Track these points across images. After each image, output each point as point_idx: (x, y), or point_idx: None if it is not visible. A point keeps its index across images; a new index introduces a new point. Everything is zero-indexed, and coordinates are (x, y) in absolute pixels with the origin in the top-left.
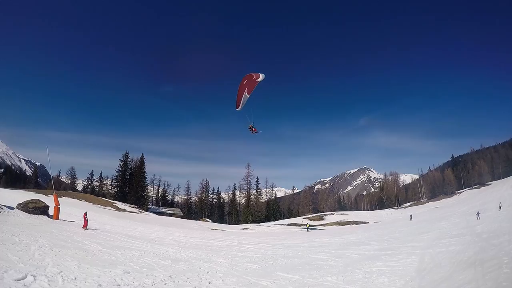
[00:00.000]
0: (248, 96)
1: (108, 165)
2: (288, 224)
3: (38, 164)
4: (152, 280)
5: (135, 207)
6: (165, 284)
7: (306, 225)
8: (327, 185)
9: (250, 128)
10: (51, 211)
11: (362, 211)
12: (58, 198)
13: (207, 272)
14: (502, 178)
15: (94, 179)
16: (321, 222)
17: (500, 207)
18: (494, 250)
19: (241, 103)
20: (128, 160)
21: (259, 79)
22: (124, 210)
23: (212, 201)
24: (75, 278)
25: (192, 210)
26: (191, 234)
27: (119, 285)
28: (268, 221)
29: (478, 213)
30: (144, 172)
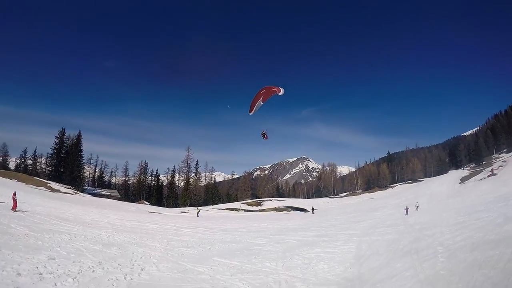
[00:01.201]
0: (262, 103)
1: (43, 142)
2: (226, 209)
3: None
4: (79, 267)
5: (71, 188)
6: (93, 271)
7: (197, 210)
8: (266, 172)
9: (262, 134)
10: None
11: (300, 199)
12: None
13: (140, 258)
14: (433, 176)
15: (28, 157)
16: (259, 207)
17: (417, 207)
18: (428, 240)
19: (254, 109)
20: (65, 137)
21: (280, 93)
22: (58, 191)
23: (151, 183)
24: None
25: (130, 192)
26: (127, 217)
27: (41, 274)
28: (207, 205)
29: (407, 208)
30: (81, 151)
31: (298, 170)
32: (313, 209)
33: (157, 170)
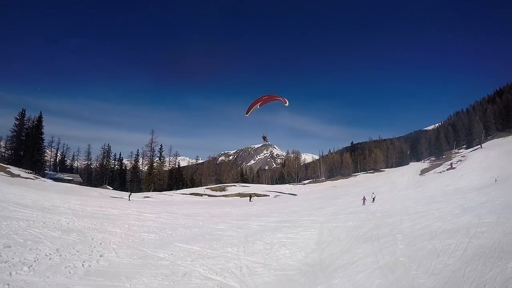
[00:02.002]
0: (259, 107)
1: (2, 125)
2: (190, 194)
3: None
4: (35, 255)
5: (31, 173)
6: (50, 259)
7: (128, 193)
8: (231, 157)
9: (263, 137)
10: None
11: (264, 185)
12: None
13: (100, 244)
14: (394, 167)
15: None
16: (223, 192)
17: (373, 199)
18: (388, 228)
19: (250, 111)
20: (25, 119)
21: (286, 104)
22: (18, 176)
23: (114, 168)
24: None
25: (93, 177)
26: (88, 202)
27: None
28: (171, 190)
29: (364, 199)
30: (42, 134)
31: (262, 157)
32: (250, 197)
33: (120, 154)
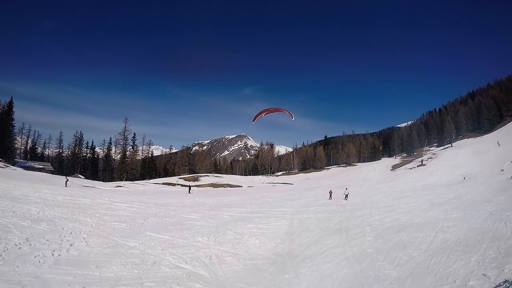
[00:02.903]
0: (264, 116)
1: None
2: (163, 183)
3: None
4: (4, 245)
5: (1, 161)
6: (20, 248)
7: (65, 179)
8: (205, 147)
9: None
10: None
11: (237, 175)
12: None
13: (70, 233)
14: (367, 162)
15: None
16: (196, 183)
17: (346, 196)
18: (358, 220)
19: (256, 119)
20: None
21: (292, 119)
22: None
23: (86, 156)
24: None
25: (64, 165)
26: (59, 191)
27: None
28: (143, 179)
29: (330, 192)
30: (12, 120)
31: (236, 147)
32: (190, 188)
33: (92, 142)
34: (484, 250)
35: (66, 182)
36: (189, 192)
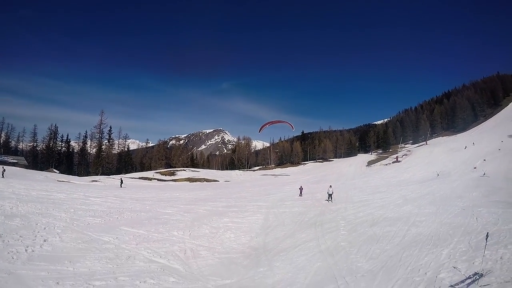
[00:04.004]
0: (267, 127)
1: None
2: (139, 178)
3: None
4: None
5: None
6: None
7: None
8: (182, 141)
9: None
10: None
11: (214, 170)
12: None
13: (44, 229)
14: (343, 158)
15: None
16: (172, 177)
17: (330, 196)
18: (333, 215)
19: (262, 129)
20: None
21: (292, 130)
22: None
23: (61, 150)
24: None
25: (39, 160)
26: (34, 186)
27: None
28: (120, 173)
29: (301, 188)
30: None
31: (214, 142)
32: (121, 181)
33: (68, 136)
34: (455, 244)
35: (2, 173)
36: (121, 186)
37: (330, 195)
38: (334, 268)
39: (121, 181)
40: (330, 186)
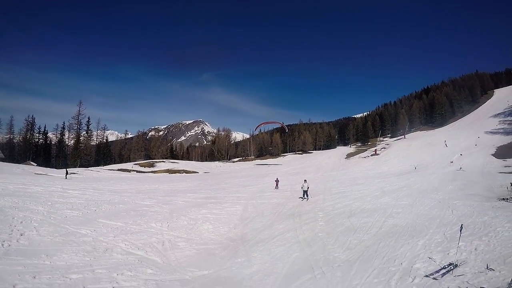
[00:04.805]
0: (262, 126)
1: None
2: (118, 170)
3: None
4: None
5: None
6: None
7: None
8: (161, 133)
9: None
10: None
11: (193, 161)
12: None
13: (21, 222)
14: (322, 150)
15: None
16: (151, 168)
17: (306, 194)
18: (311, 206)
19: (257, 128)
20: None
21: (286, 131)
22: None
23: (38, 142)
24: None
25: (15, 152)
26: (10, 180)
27: None
28: (98, 165)
29: (277, 180)
30: None
31: (193, 133)
32: (67, 172)
33: (45, 127)
34: (431, 235)
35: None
36: (66, 177)
37: (305, 192)
38: (312, 259)
39: (66, 172)
40: (305, 180)
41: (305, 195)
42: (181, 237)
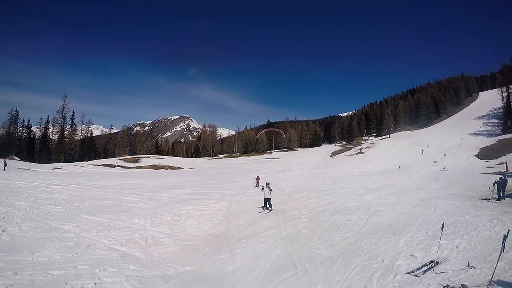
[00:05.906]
0: (263, 132)
1: None
2: (103, 165)
3: None
4: None
5: None
6: None
7: None
8: (146, 128)
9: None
10: None
11: (178, 157)
12: None
13: (3, 218)
14: (308, 147)
15: None
16: (136, 164)
17: (268, 204)
18: (295, 203)
19: (259, 135)
20: None
21: (282, 136)
22: None
23: (22, 136)
24: None
25: None
26: None
27: None
28: (82, 160)
29: (257, 178)
30: None
31: (179, 129)
32: (5, 163)
33: (29, 121)
34: (413, 233)
35: (4, 167)
36: (4, 169)
37: (267, 200)
38: (294, 255)
39: (5, 163)
40: (267, 183)
41: (267, 204)
42: (164, 233)
